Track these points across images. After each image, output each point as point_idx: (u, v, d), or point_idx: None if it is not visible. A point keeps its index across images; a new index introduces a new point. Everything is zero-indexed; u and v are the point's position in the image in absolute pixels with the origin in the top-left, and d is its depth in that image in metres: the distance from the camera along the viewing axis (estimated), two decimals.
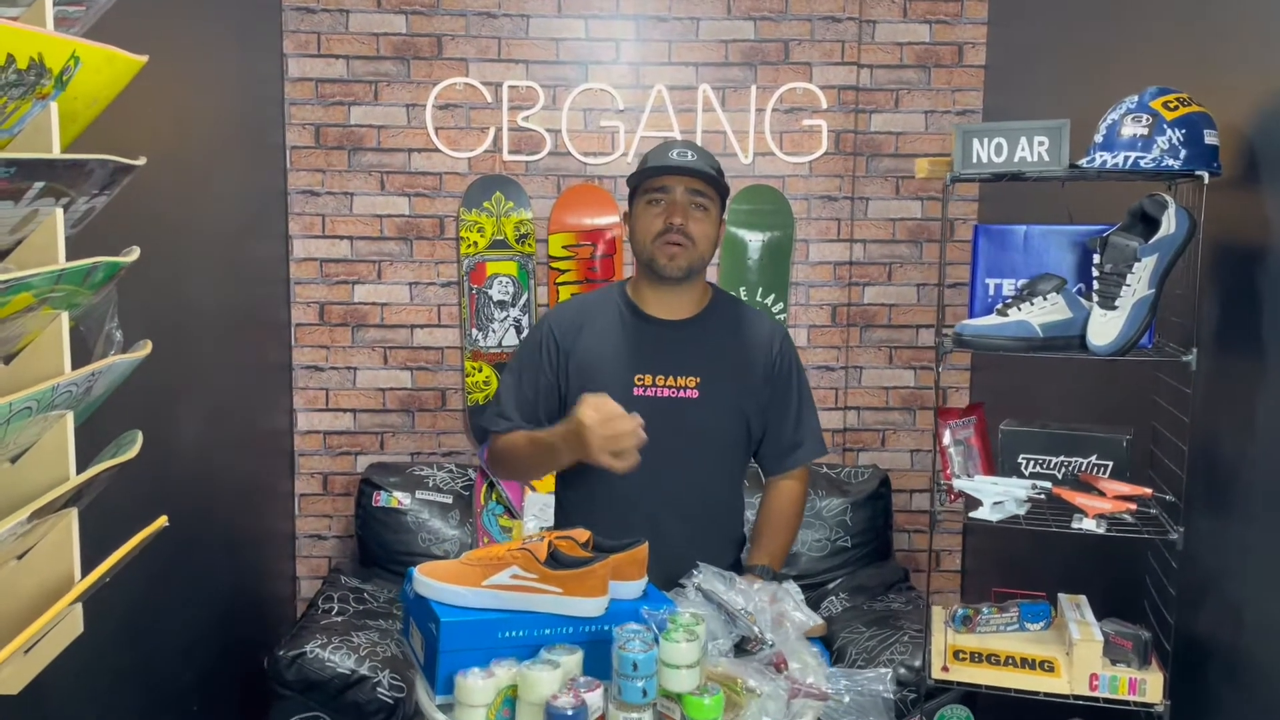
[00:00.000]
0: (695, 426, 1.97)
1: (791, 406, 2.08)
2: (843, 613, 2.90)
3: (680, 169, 1.93)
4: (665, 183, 1.94)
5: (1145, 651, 1.85)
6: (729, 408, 2.01)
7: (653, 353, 1.99)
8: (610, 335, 2.01)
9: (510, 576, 1.50)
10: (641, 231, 1.97)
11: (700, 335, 2.02)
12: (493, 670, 1.43)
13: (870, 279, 3.41)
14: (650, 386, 1.97)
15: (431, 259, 3.34)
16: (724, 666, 1.48)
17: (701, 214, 1.95)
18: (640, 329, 2.01)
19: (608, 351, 1.99)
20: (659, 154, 1.97)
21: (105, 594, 1.41)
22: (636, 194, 1.99)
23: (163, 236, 2.31)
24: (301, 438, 3.38)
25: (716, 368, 2.00)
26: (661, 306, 2.02)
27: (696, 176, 1.94)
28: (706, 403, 1.98)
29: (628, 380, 1.96)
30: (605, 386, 1.94)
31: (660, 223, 1.94)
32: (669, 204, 1.94)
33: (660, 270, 1.96)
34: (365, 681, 2.52)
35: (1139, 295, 1.80)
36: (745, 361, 2.03)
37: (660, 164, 1.94)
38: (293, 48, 3.24)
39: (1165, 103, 1.78)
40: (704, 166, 1.94)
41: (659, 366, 1.97)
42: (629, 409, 1.91)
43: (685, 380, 1.98)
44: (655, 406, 1.94)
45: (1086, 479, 1.97)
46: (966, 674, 1.92)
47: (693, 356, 1.99)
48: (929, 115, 3.35)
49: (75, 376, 1.27)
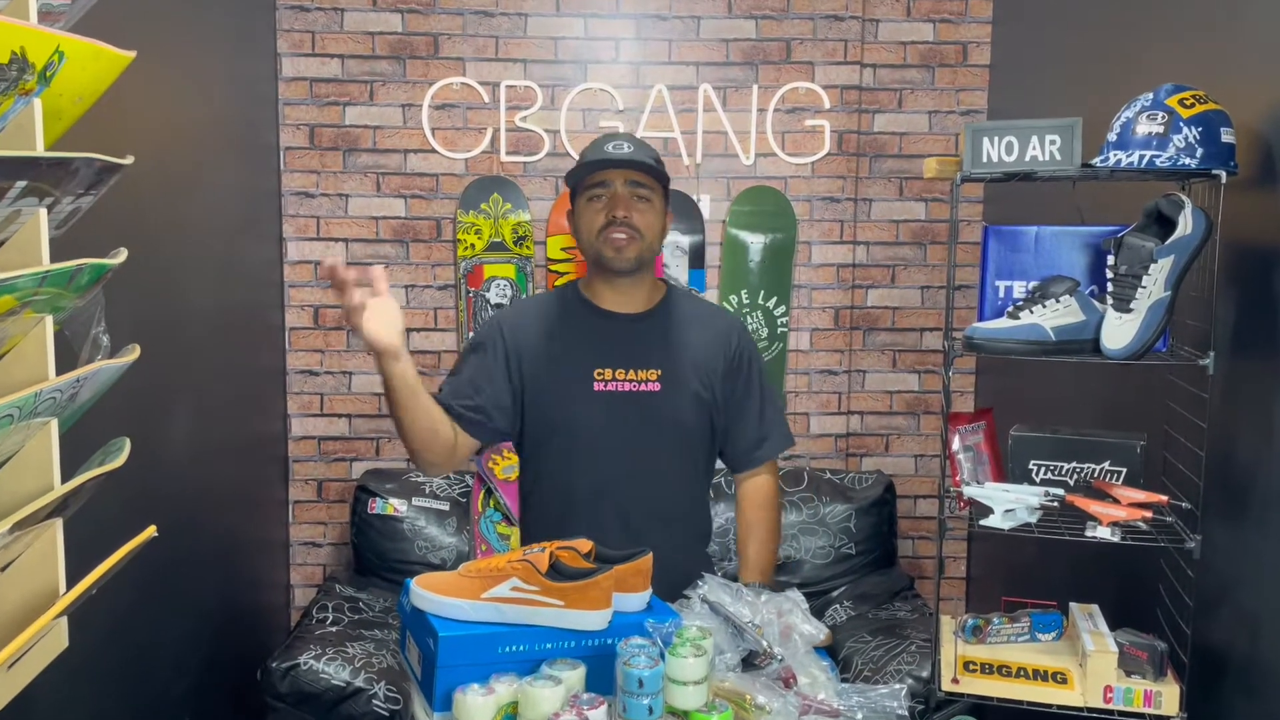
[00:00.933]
0: (659, 419, 1.95)
1: (754, 400, 2.06)
2: (847, 621, 2.86)
3: (618, 161, 1.90)
4: (605, 177, 1.92)
5: (1161, 663, 1.81)
6: (692, 399, 1.99)
7: (612, 347, 1.97)
8: (566, 332, 1.99)
9: (510, 589, 1.45)
10: (585, 228, 1.95)
11: (659, 328, 2.00)
12: (493, 687, 1.39)
13: (874, 281, 3.37)
14: (611, 380, 1.95)
15: (428, 261, 3.29)
16: (731, 682, 1.43)
17: (644, 205, 1.93)
18: (597, 324, 1.99)
19: (565, 348, 1.97)
20: (595, 149, 1.95)
21: (93, 606, 1.37)
22: (577, 192, 1.97)
23: (153, 239, 2.27)
24: (295, 443, 3.33)
25: (677, 360, 1.98)
26: (616, 300, 1.99)
27: (635, 168, 1.91)
28: (669, 395, 1.96)
29: (588, 375, 1.94)
30: (565, 383, 1.95)
31: (603, 217, 1.92)
32: (610, 197, 1.92)
33: (609, 263, 1.93)
34: (360, 694, 2.47)
35: (1155, 298, 1.76)
36: (706, 353, 2.01)
37: (597, 158, 1.91)
38: (287, 47, 3.19)
39: (1181, 100, 1.74)
40: (642, 157, 1.92)
41: (619, 360, 1.95)
42: (590, 404, 1.94)
43: (647, 373, 1.95)
44: (617, 400, 1.94)
45: (1100, 486, 1.93)
46: (977, 686, 1.89)
47: (653, 349, 1.97)
48: (933, 115, 3.31)
49: (59, 383, 1.23)
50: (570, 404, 1.95)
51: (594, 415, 1.93)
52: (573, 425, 1.94)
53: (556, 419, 1.96)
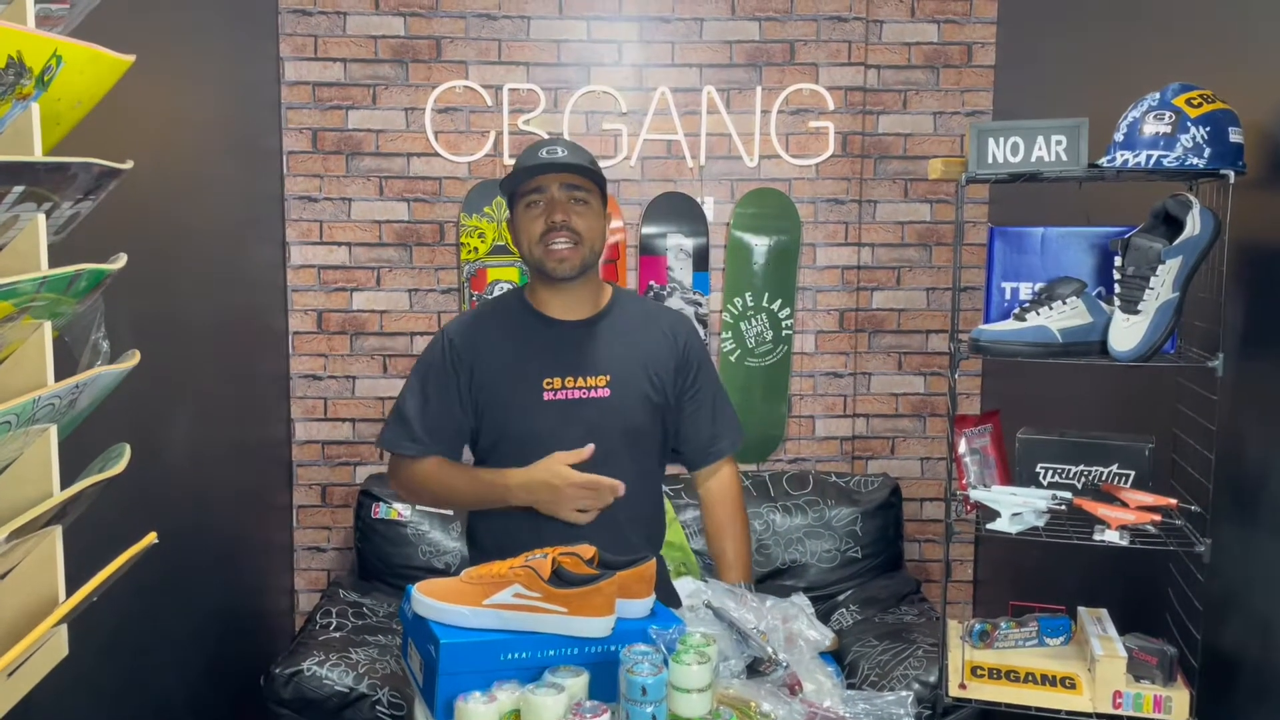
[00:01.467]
0: (610, 425, 1.93)
1: (706, 396, 2.05)
2: (854, 625, 2.84)
3: (552, 166, 1.88)
4: (540, 183, 1.90)
5: (1170, 668, 1.80)
6: (642, 403, 1.97)
7: (559, 355, 1.95)
8: (513, 342, 1.97)
9: (513, 595, 1.44)
10: (525, 235, 1.93)
11: (605, 333, 1.98)
12: (494, 694, 1.37)
13: (879, 283, 3.36)
14: (560, 389, 1.93)
15: (431, 265, 3.29)
16: (736, 689, 1.42)
17: (583, 208, 1.91)
18: (543, 332, 1.97)
19: (513, 358, 1.96)
20: (529, 155, 1.93)
21: (94, 612, 1.36)
22: (514, 200, 1.95)
23: (155, 243, 2.26)
24: (299, 448, 3.32)
25: (625, 364, 1.96)
26: (561, 307, 1.98)
27: (570, 171, 1.89)
28: (619, 400, 1.94)
29: (537, 385, 1.92)
30: (515, 393, 1.93)
31: (541, 224, 1.90)
32: (547, 203, 1.90)
33: (550, 272, 1.92)
34: (364, 700, 2.46)
35: (1163, 299, 1.75)
36: (653, 355, 2.00)
37: (531, 164, 1.90)
38: (289, 51, 3.19)
39: (1189, 99, 1.73)
40: (577, 159, 1.90)
41: (567, 368, 1.94)
42: (541, 413, 1.92)
43: (595, 380, 1.94)
44: (567, 409, 1.92)
45: (1108, 489, 1.92)
46: (985, 691, 1.88)
47: (600, 355, 1.96)
48: (938, 116, 3.29)
49: (58, 389, 1.22)
50: (521, 414, 1.93)
51: (545, 424, 1.91)
52: (524, 435, 1.91)
53: (508, 430, 1.94)
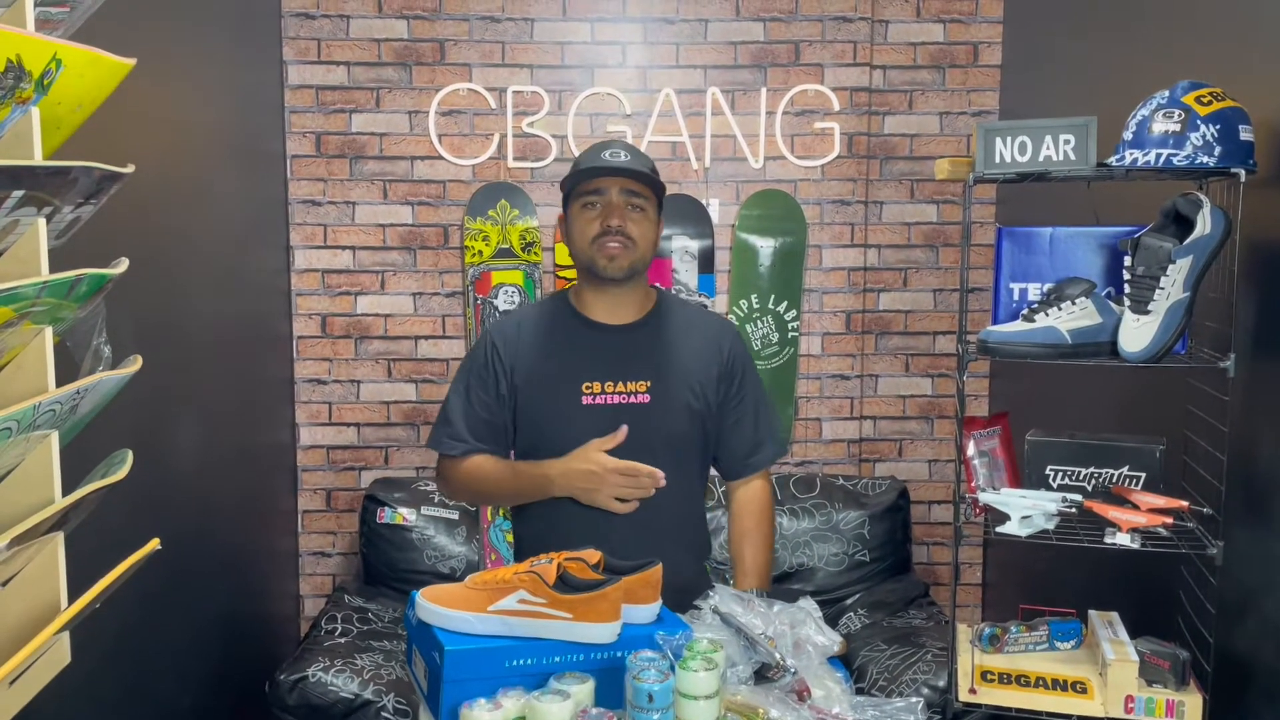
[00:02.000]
0: (649, 432, 1.91)
1: (749, 406, 2.03)
2: (862, 629, 2.82)
3: (614, 169, 1.88)
4: (600, 184, 1.90)
5: (1183, 672, 1.77)
6: (683, 410, 1.95)
7: (600, 359, 1.94)
8: (555, 344, 1.96)
9: (517, 601, 1.42)
10: (579, 235, 1.92)
11: (648, 338, 1.97)
12: (500, 701, 1.36)
13: (885, 285, 3.34)
14: (600, 394, 1.92)
15: (435, 269, 3.28)
16: (744, 695, 1.40)
17: (639, 214, 1.91)
18: (586, 336, 1.96)
19: (554, 361, 1.95)
20: (591, 156, 1.92)
21: (98, 619, 1.36)
22: (570, 198, 1.94)
23: (159, 248, 2.26)
24: (304, 453, 3.31)
25: (667, 370, 1.95)
26: (606, 311, 1.97)
27: (631, 176, 1.89)
28: (659, 407, 1.93)
29: (575, 389, 1.92)
30: (553, 396, 1.93)
31: (597, 225, 1.89)
32: (605, 206, 1.89)
33: (601, 272, 1.91)
34: (369, 706, 2.44)
35: (1173, 299, 1.73)
36: (697, 362, 1.98)
37: (594, 165, 1.89)
38: (293, 54, 3.18)
39: (1198, 97, 1.71)
40: (638, 166, 1.89)
41: (607, 373, 1.92)
42: (580, 417, 1.91)
43: (635, 385, 1.93)
44: (605, 414, 1.91)
45: (1119, 491, 1.90)
46: (995, 696, 1.85)
47: (642, 360, 1.95)
48: (944, 117, 3.27)
49: (59, 394, 1.21)
50: (560, 418, 1.92)
51: (582, 429, 1.90)
52: (562, 439, 1.91)
53: (546, 433, 1.93)
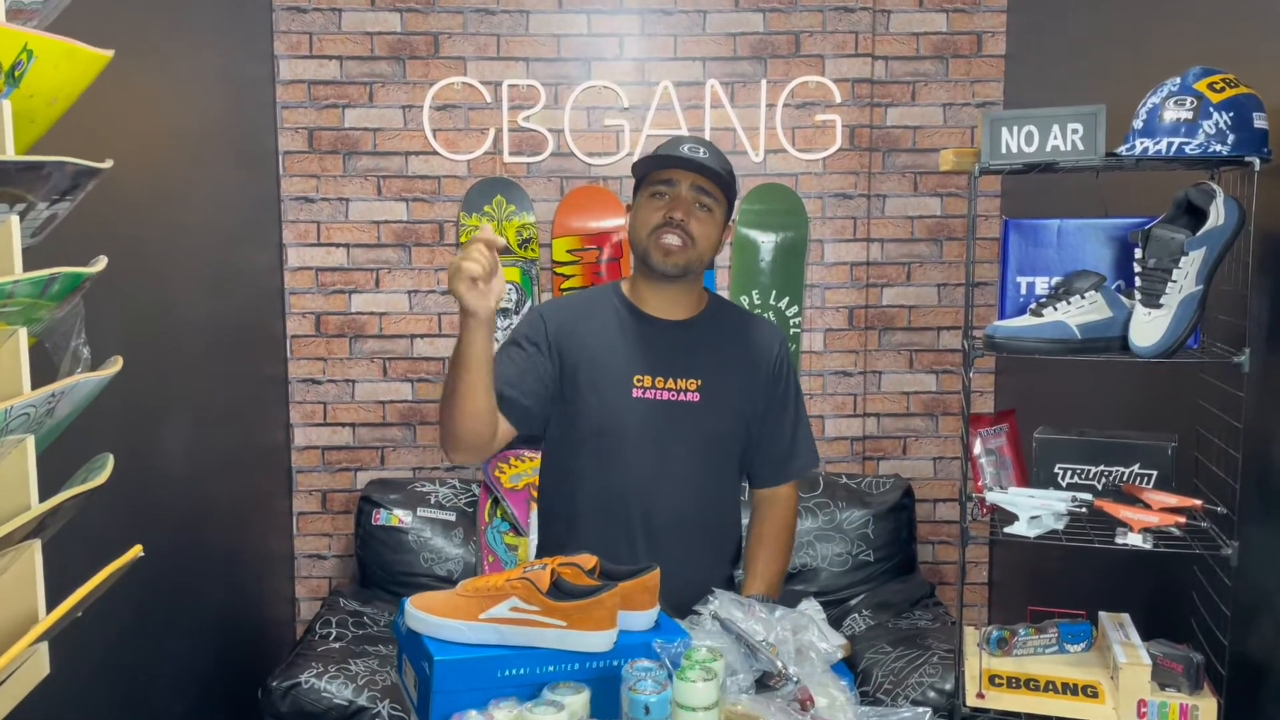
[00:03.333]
0: (696, 431, 1.89)
1: (789, 414, 2.00)
2: (866, 631, 2.77)
3: (688, 163, 1.84)
4: (672, 175, 1.86)
5: (1197, 675, 1.73)
6: (731, 412, 1.93)
7: (652, 353, 1.90)
8: (607, 333, 1.92)
9: (509, 609, 1.38)
10: (640, 223, 1.88)
11: (701, 336, 1.94)
12: (491, 713, 1.31)
13: (889, 280, 3.29)
14: (650, 388, 1.89)
15: (431, 266, 3.23)
16: (744, 705, 1.35)
17: (705, 214, 1.87)
18: (639, 328, 1.92)
19: (605, 350, 1.91)
20: (670, 146, 1.89)
21: (89, 626, 1.31)
22: (641, 185, 1.91)
23: (149, 247, 2.22)
24: (299, 454, 3.26)
25: (718, 370, 1.92)
26: (660, 306, 1.93)
27: (704, 174, 1.85)
28: (708, 406, 1.90)
29: (626, 381, 1.88)
30: (604, 386, 1.89)
31: (660, 216, 1.85)
32: (673, 198, 1.86)
33: (654, 264, 1.87)
34: (364, 713, 2.40)
35: (1185, 292, 1.68)
36: (748, 364, 1.96)
37: (670, 155, 1.85)
38: (284, 49, 3.13)
39: (1210, 84, 1.66)
40: (714, 164, 1.85)
41: (659, 368, 1.89)
42: (627, 410, 1.87)
43: (686, 383, 1.89)
44: (654, 409, 1.88)
45: (1130, 490, 1.85)
46: (1003, 701, 1.81)
47: (694, 358, 1.91)
48: (947, 108, 3.22)
49: (32, 398, 1.17)
50: (607, 409, 1.88)
51: (630, 422, 1.87)
52: (607, 430, 1.88)
53: (592, 422, 1.89)
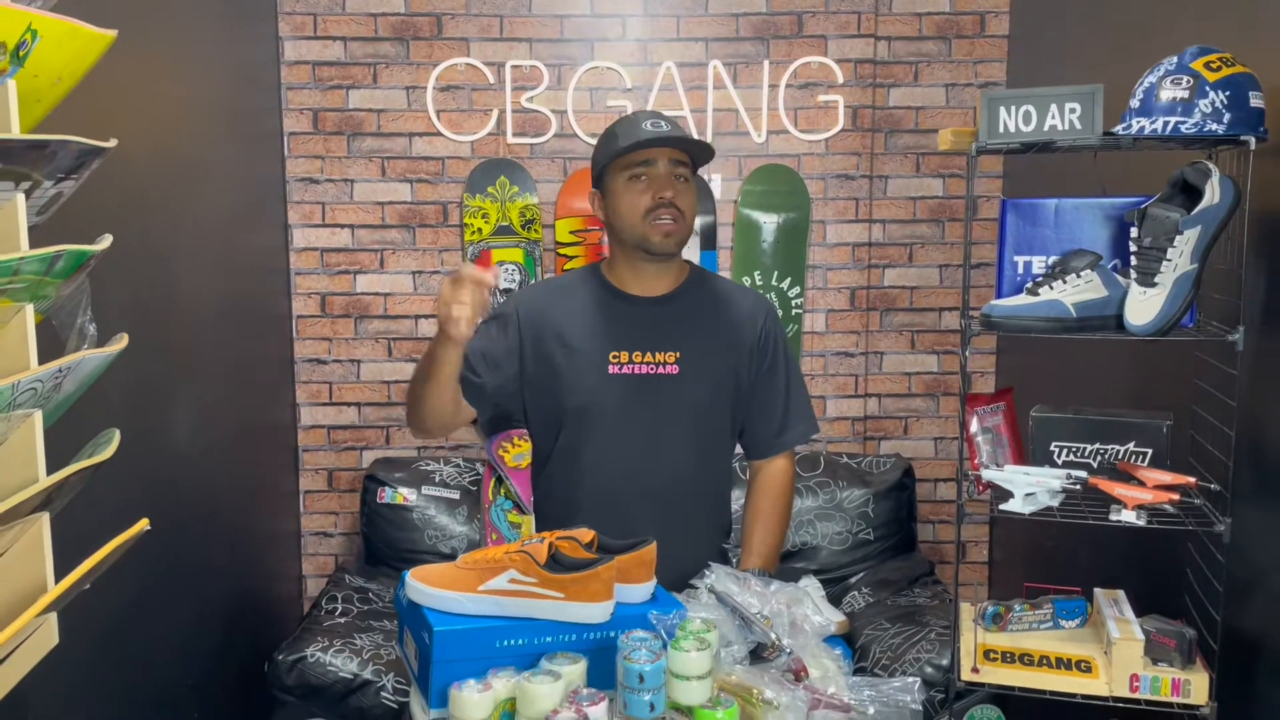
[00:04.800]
0: (677, 403, 1.90)
1: (779, 383, 2.00)
2: (866, 608, 2.79)
3: (662, 140, 1.84)
4: (646, 156, 1.85)
5: (1189, 650, 1.75)
6: (713, 382, 1.93)
7: (628, 329, 1.91)
8: (582, 314, 1.93)
9: (508, 581, 1.40)
10: (627, 209, 1.87)
11: (680, 310, 1.95)
12: (490, 682, 1.34)
13: (890, 260, 3.30)
14: (627, 364, 1.90)
15: (435, 247, 3.25)
16: (738, 675, 1.38)
17: (684, 185, 1.88)
18: (615, 307, 1.94)
19: (580, 330, 1.92)
20: (630, 126, 1.87)
21: (97, 599, 1.35)
22: (610, 171, 1.89)
23: (155, 227, 2.24)
24: (305, 433, 3.30)
25: (698, 342, 1.93)
26: (640, 284, 1.94)
27: (678, 147, 1.86)
28: (688, 378, 1.91)
29: (602, 358, 1.89)
30: (580, 365, 1.90)
31: (648, 199, 1.85)
32: (652, 178, 1.86)
33: (655, 248, 1.87)
34: (369, 686, 2.44)
35: (1180, 271, 1.69)
36: (730, 335, 1.96)
37: (639, 138, 1.85)
38: (288, 30, 3.15)
39: (1207, 63, 1.66)
40: (682, 134, 1.87)
41: (635, 343, 1.90)
42: (605, 387, 1.89)
43: (664, 355, 1.90)
44: (633, 384, 1.89)
45: (1124, 468, 1.87)
46: (998, 675, 1.83)
47: (672, 331, 1.92)
48: (950, 88, 3.22)
49: (39, 373, 1.19)
50: (584, 387, 1.90)
51: (609, 398, 1.88)
52: (586, 408, 1.89)
53: (570, 401, 1.91)
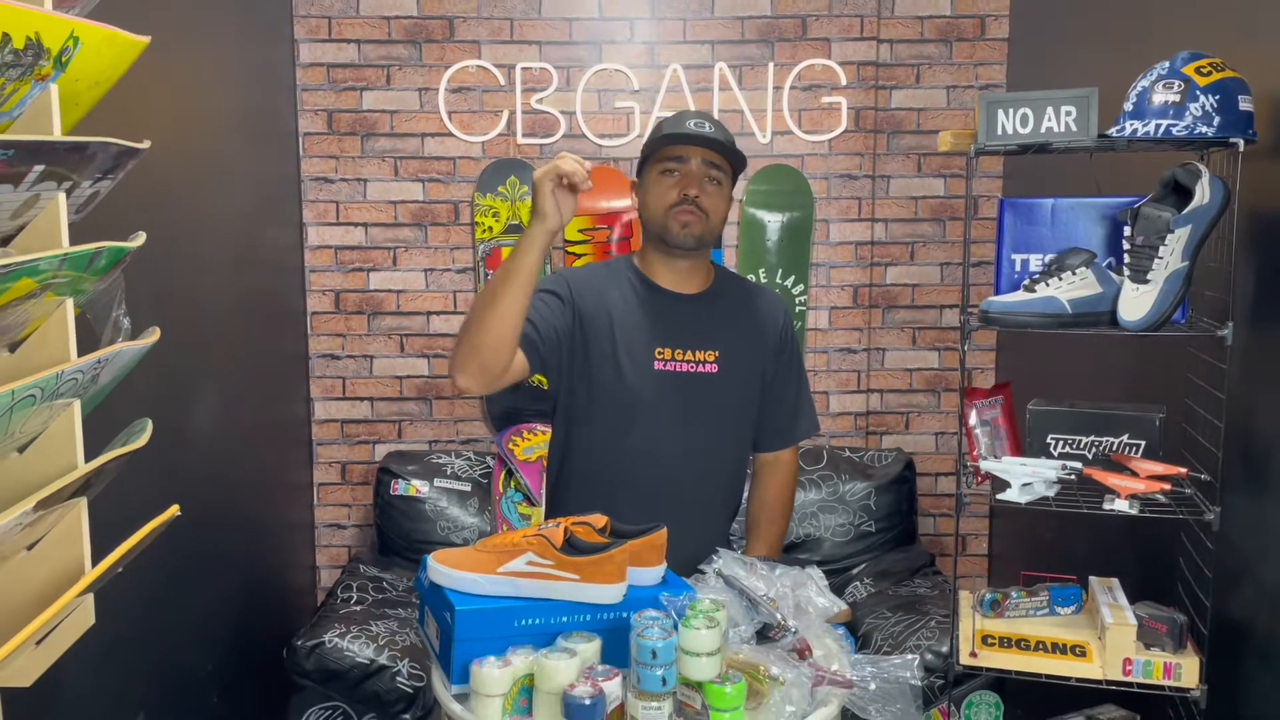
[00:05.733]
0: (716, 401, 1.95)
1: (793, 379, 2.07)
2: (867, 598, 2.86)
3: (698, 138, 1.89)
4: (682, 152, 1.91)
5: (1180, 635, 1.80)
6: (745, 382, 1.99)
7: (671, 326, 1.96)
8: (626, 305, 1.97)
9: (526, 563, 1.47)
10: (654, 201, 1.93)
11: (715, 308, 2.00)
12: (509, 659, 1.41)
13: (892, 259, 3.36)
14: (670, 360, 1.94)
15: (446, 245, 3.31)
16: (745, 654, 1.44)
17: (715, 188, 1.92)
18: (655, 302, 1.98)
19: (626, 321, 1.95)
20: (676, 122, 1.93)
21: (122, 585, 1.39)
22: (649, 163, 1.95)
23: (175, 224, 2.30)
24: (319, 427, 3.36)
25: (734, 341, 1.98)
26: (673, 280, 1.99)
27: (713, 148, 1.91)
28: (727, 377, 1.96)
29: (648, 353, 1.94)
30: (625, 357, 1.93)
31: (675, 194, 1.90)
32: (684, 174, 1.91)
33: (673, 239, 1.92)
34: (384, 671, 2.50)
35: (1172, 268, 1.75)
36: (759, 334, 2.02)
37: (678, 132, 1.90)
38: (304, 33, 3.21)
39: (1198, 68, 1.72)
40: (722, 138, 1.91)
41: (678, 340, 1.95)
42: (648, 381, 1.92)
43: (705, 354, 1.95)
44: (676, 381, 1.94)
45: (1118, 459, 1.92)
46: (995, 659, 1.89)
47: (711, 330, 1.97)
48: (951, 90, 3.28)
49: (81, 364, 1.25)
50: (628, 379, 1.92)
51: (650, 392, 1.92)
52: (627, 399, 1.92)
53: (613, 391, 1.93)
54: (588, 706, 1.31)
